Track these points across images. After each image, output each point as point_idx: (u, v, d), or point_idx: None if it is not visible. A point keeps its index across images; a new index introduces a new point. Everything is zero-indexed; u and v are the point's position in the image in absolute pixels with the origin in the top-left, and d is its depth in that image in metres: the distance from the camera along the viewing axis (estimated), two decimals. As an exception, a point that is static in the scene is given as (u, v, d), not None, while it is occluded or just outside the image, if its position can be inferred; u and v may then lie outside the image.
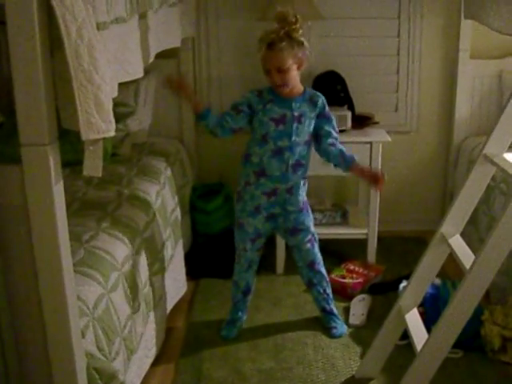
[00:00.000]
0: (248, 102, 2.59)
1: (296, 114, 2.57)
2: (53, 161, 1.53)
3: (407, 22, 3.69)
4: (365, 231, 3.43)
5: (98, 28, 1.69)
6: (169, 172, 3.23)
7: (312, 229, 2.79)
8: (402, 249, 3.77)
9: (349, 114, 3.31)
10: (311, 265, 2.83)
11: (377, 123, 3.44)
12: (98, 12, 1.70)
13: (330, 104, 3.39)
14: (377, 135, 3.34)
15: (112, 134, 1.56)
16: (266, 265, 3.32)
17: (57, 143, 1.56)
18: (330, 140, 2.66)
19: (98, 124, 1.49)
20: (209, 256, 3.50)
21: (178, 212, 3.21)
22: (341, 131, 3.26)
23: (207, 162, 3.91)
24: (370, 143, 3.25)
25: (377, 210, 3.36)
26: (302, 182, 2.71)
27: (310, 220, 2.78)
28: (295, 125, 2.57)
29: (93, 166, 1.57)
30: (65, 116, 1.53)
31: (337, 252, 3.59)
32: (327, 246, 3.16)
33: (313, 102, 2.62)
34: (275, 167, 2.61)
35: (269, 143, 2.59)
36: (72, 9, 1.43)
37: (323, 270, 2.87)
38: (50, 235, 1.57)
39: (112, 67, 1.89)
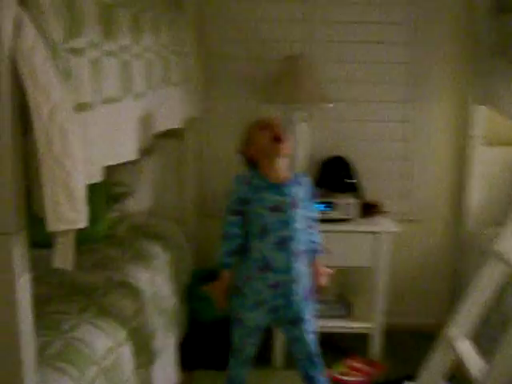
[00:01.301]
0: (240, 197, 2.49)
1: (291, 198, 2.45)
2: (18, 251, 1.40)
3: (416, 107, 3.61)
4: (369, 325, 3.24)
5: (79, 109, 1.59)
6: (166, 257, 3.08)
7: (312, 320, 2.62)
8: (409, 344, 3.56)
9: (355, 202, 3.18)
10: (311, 357, 2.64)
11: (385, 212, 3.30)
12: (81, 92, 1.61)
13: (337, 190, 3.32)
14: (384, 225, 3.19)
15: (82, 225, 1.43)
16: (261, 355, 3.11)
17: (24, 232, 1.43)
18: (310, 224, 2.60)
19: (66, 214, 1.36)
20: (205, 346, 3.31)
21: (173, 300, 3.04)
22: (346, 220, 3.14)
23: (208, 245, 3.77)
24: (377, 233, 3.11)
25: (382, 304, 3.18)
26: (306, 269, 2.56)
27: (311, 310, 2.61)
28: (293, 211, 2.45)
29: (63, 258, 1.44)
30: (34, 201, 1.41)
31: (339, 346, 3.39)
32: (329, 339, 2.97)
33: (303, 184, 2.54)
34: (279, 259, 2.47)
35: (269, 235, 2.46)
36: (45, 89, 1.33)
37: (321, 365, 2.68)
38: (10, 335, 1.42)
39: (98, 149, 1.79)
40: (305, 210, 2.50)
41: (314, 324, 2.63)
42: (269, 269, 2.48)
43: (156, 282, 2.84)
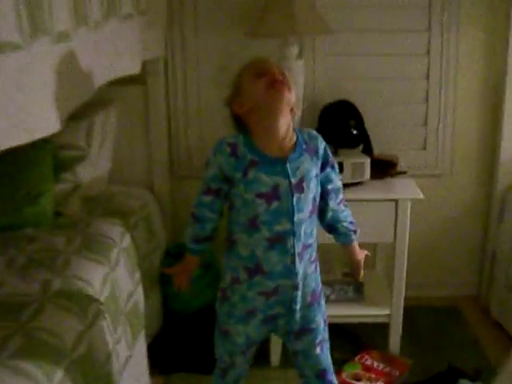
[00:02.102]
0: (221, 173, 1.80)
1: (295, 180, 1.77)
2: None
3: (439, 36, 2.87)
4: (387, 312, 2.61)
5: None
6: (127, 241, 2.41)
7: (323, 325, 1.98)
8: (433, 324, 2.96)
9: (367, 161, 2.49)
10: (322, 374, 2.01)
11: (404, 173, 2.61)
12: None
13: (341, 145, 2.62)
14: (404, 189, 2.52)
15: None
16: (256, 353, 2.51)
17: None
18: (339, 199, 1.93)
19: None
20: (183, 343, 2.69)
21: (138, 294, 2.40)
22: (355, 184, 2.47)
23: (185, 212, 3.08)
24: (396, 201, 2.43)
25: (403, 284, 2.55)
26: (313, 266, 1.90)
27: (322, 314, 1.97)
28: (296, 197, 1.77)
29: None
30: None
31: (350, 337, 2.79)
32: (337, 329, 2.36)
33: (312, 150, 1.83)
34: (275, 261, 1.80)
35: (261, 230, 1.78)
36: None
37: (335, 381, 2.06)
38: None
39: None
40: (316, 188, 1.83)
41: (325, 331, 2.00)
42: (260, 272, 1.82)
43: (114, 278, 2.19)
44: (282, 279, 1.82)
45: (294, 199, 1.75)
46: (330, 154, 1.87)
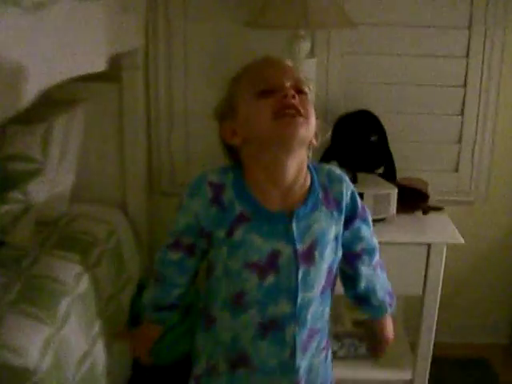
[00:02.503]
0: (197, 223, 1.29)
1: (302, 246, 1.25)
2: None
3: (482, 35, 2.34)
4: (408, 376, 2.11)
5: None
6: (84, 285, 1.88)
7: None
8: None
9: (394, 193, 1.97)
10: None
11: (439, 209, 2.08)
12: None
13: (360, 166, 2.10)
14: (439, 230, 2.00)
15: None
16: None
17: None
18: (375, 261, 1.41)
19: None
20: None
21: (97, 352, 1.89)
22: (377, 221, 1.95)
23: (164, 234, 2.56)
24: (429, 246, 1.92)
25: (431, 346, 2.05)
26: (322, 356, 1.38)
27: None
28: (302, 270, 1.25)
29: None
30: None
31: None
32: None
33: (332, 200, 1.30)
34: (268, 354, 1.30)
35: (249, 311, 1.28)
36: None
37: None
38: None
39: None
40: (334, 254, 1.31)
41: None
42: (246, 365, 1.30)
43: (60, 341, 1.67)
44: (276, 376, 1.30)
45: (300, 273, 1.24)
46: (360, 204, 1.35)
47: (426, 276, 1.94)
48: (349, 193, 1.31)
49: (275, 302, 1.25)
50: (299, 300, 1.25)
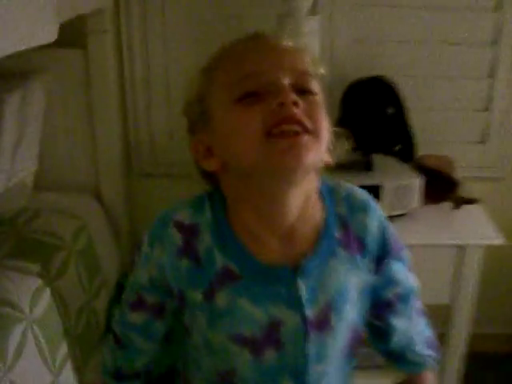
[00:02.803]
0: (162, 278, 0.93)
1: (314, 312, 0.90)
2: None
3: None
4: None
5: None
6: (43, 305, 1.55)
7: None
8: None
9: (416, 183, 1.62)
10: None
11: (473, 202, 1.73)
12: None
13: (375, 146, 1.75)
14: (474, 228, 1.65)
15: None
16: None
17: None
18: (411, 307, 1.03)
19: None
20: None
21: (64, 380, 1.57)
22: (396, 216, 1.62)
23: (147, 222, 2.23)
24: (460, 248, 1.58)
25: (462, 360, 1.73)
26: None
27: None
28: (314, 339, 0.90)
29: None
30: None
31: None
32: None
33: (354, 239, 0.93)
34: None
35: None
36: None
37: None
38: None
39: None
40: (358, 309, 0.96)
41: None
42: None
43: (15, 379, 1.35)
44: None
45: (311, 346, 0.89)
46: (394, 237, 0.98)
47: (456, 282, 1.61)
48: (377, 224, 0.95)
49: (277, 382, 0.92)
50: (308, 377, 0.92)
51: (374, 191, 1.54)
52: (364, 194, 0.96)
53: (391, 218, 1.60)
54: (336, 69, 1.95)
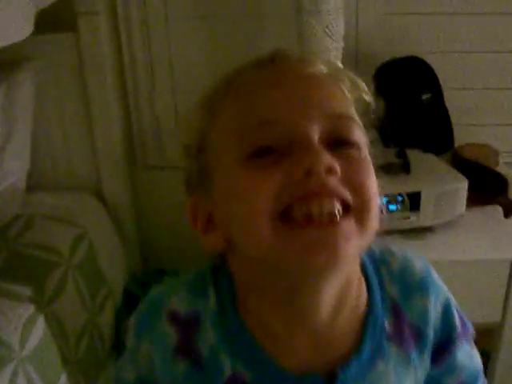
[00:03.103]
0: (153, 380, 0.70)
1: None
2: None
3: None
4: None
5: None
6: (36, 338, 1.36)
7: None
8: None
9: (463, 187, 1.39)
10: None
11: None
12: None
13: (409, 141, 1.53)
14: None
15: None
16: None
17: None
18: None
19: None
20: None
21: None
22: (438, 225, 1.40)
23: (158, 221, 2.02)
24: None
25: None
26: None
27: None
28: None
29: None
30: None
31: None
32: None
33: (408, 327, 0.68)
34: None
35: None
36: None
37: None
38: None
39: None
40: None
41: None
42: None
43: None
44: None
45: None
46: (458, 315, 0.75)
47: (507, 299, 1.40)
48: (440, 307, 0.72)
49: None
50: None
51: (414, 199, 1.34)
52: (423, 267, 0.73)
53: (433, 228, 1.40)
54: (361, 47, 1.70)
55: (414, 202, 1.35)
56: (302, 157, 0.57)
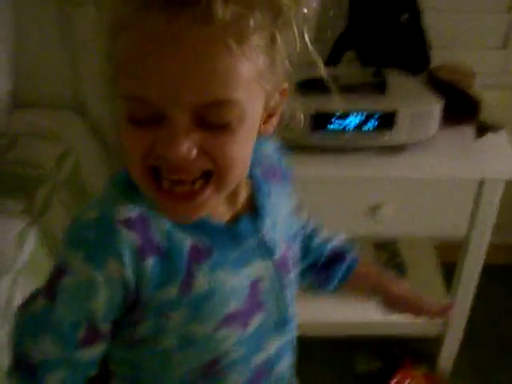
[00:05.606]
0: (125, 296, 0.71)
1: (279, 253, 0.81)
2: None
3: None
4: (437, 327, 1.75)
5: None
6: (27, 252, 1.43)
7: None
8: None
9: (436, 109, 1.45)
10: None
11: (498, 129, 1.55)
12: None
13: (387, 59, 1.58)
14: (495, 159, 1.50)
15: None
16: None
17: None
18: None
19: None
20: None
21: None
22: (412, 144, 1.47)
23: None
24: (480, 183, 1.44)
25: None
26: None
27: None
28: (287, 284, 0.84)
29: None
30: None
31: (380, 345, 1.93)
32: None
33: (275, 167, 0.87)
34: None
35: (228, 378, 0.82)
36: None
37: None
38: None
39: None
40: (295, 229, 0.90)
41: None
42: None
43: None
44: None
45: (288, 290, 0.84)
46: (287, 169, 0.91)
47: (473, 215, 1.48)
48: (273, 147, 0.89)
49: (259, 347, 0.84)
50: (289, 320, 0.86)
51: (389, 118, 1.40)
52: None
53: (406, 146, 1.47)
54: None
55: (388, 120, 1.41)
56: (163, 141, 0.63)
